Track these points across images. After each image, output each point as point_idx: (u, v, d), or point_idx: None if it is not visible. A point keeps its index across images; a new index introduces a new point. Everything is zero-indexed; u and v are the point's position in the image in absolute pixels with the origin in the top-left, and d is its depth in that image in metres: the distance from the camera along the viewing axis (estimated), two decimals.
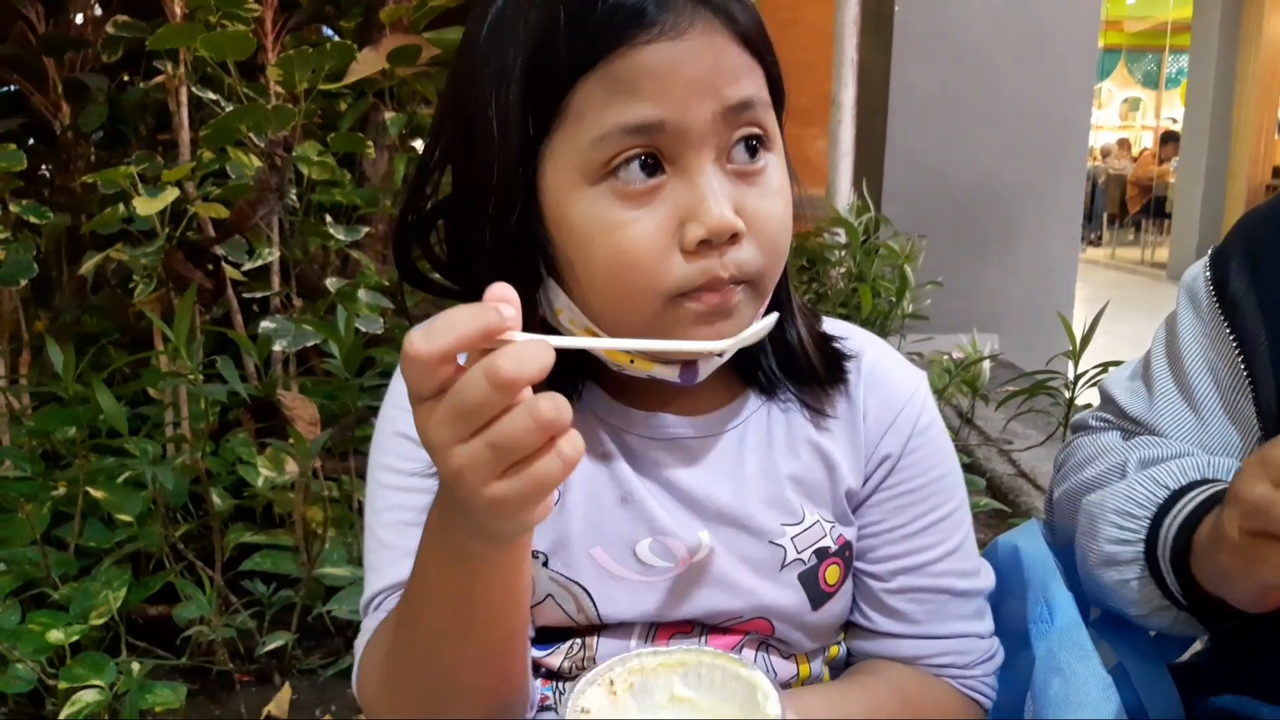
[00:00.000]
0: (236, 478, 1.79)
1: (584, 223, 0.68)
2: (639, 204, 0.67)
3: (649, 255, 0.67)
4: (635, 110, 0.65)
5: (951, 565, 0.81)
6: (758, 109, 0.69)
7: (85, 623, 1.47)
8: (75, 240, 2.24)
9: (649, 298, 0.68)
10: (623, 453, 0.77)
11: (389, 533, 0.77)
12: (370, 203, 2.15)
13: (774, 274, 0.72)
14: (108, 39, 2.02)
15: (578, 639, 0.77)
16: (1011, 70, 4.35)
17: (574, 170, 0.67)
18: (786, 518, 0.78)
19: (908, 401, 0.81)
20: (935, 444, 0.82)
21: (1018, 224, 4.48)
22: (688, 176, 0.67)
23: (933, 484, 0.81)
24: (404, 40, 2.10)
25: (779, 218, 0.70)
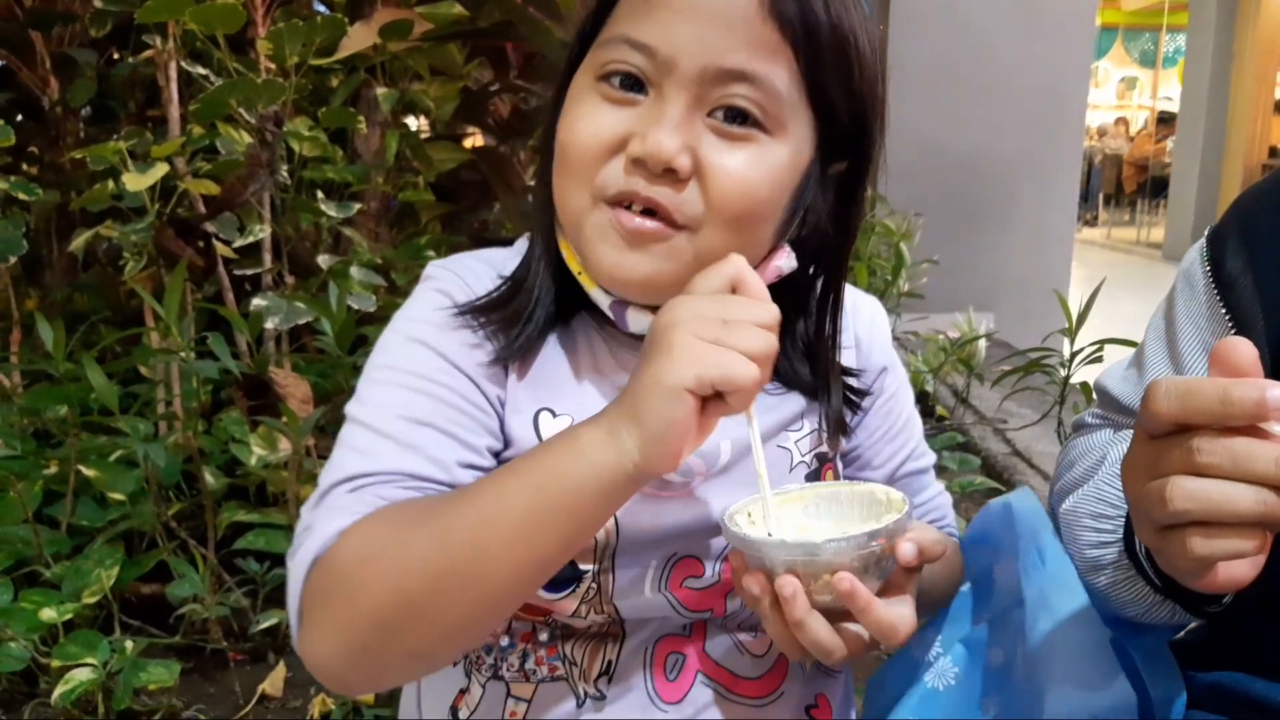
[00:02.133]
0: (229, 456, 1.78)
1: (570, 103, 0.74)
2: (613, 105, 0.72)
3: (592, 146, 0.71)
4: (642, 28, 0.70)
5: (921, 447, 0.93)
6: (759, 88, 0.69)
7: (78, 601, 1.46)
8: (65, 217, 2.22)
9: (579, 189, 0.72)
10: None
11: (393, 424, 0.70)
12: (362, 179, 2.13)
13: (715, 235, 0.71)
14: (95, 13, 1.99)
15: (591, 582, 0.75)
16: (1009, 48, 4.33)
17: (588, 65, 0.74)
18: (787, 424, 0.83)
19: (873, 320, 0.90)
20: (890, 355, 0.92)
21: (1014, 203, 4.47)
22: (660, 104, 0.70)
23: (902, 384, 0.92)
24: (396, 15, 2.08)
25: (739, 179, 0.70)
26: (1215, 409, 0.54)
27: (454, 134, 2.60)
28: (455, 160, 2.36)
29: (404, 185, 2.34)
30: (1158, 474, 0.57)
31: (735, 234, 0.71)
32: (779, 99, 0.70)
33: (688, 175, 0.70)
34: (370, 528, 0.65)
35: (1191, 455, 0.55)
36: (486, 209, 2.70)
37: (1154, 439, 0.58)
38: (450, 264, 0.82)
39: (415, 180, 2.35)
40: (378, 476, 0.68)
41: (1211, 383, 0.55)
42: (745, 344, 0.61)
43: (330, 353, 1.71)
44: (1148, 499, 0.58)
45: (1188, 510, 0.55)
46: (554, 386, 0.78)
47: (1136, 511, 0.61)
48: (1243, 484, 0.54)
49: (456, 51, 2.39)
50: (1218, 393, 0.54)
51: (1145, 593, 0.76)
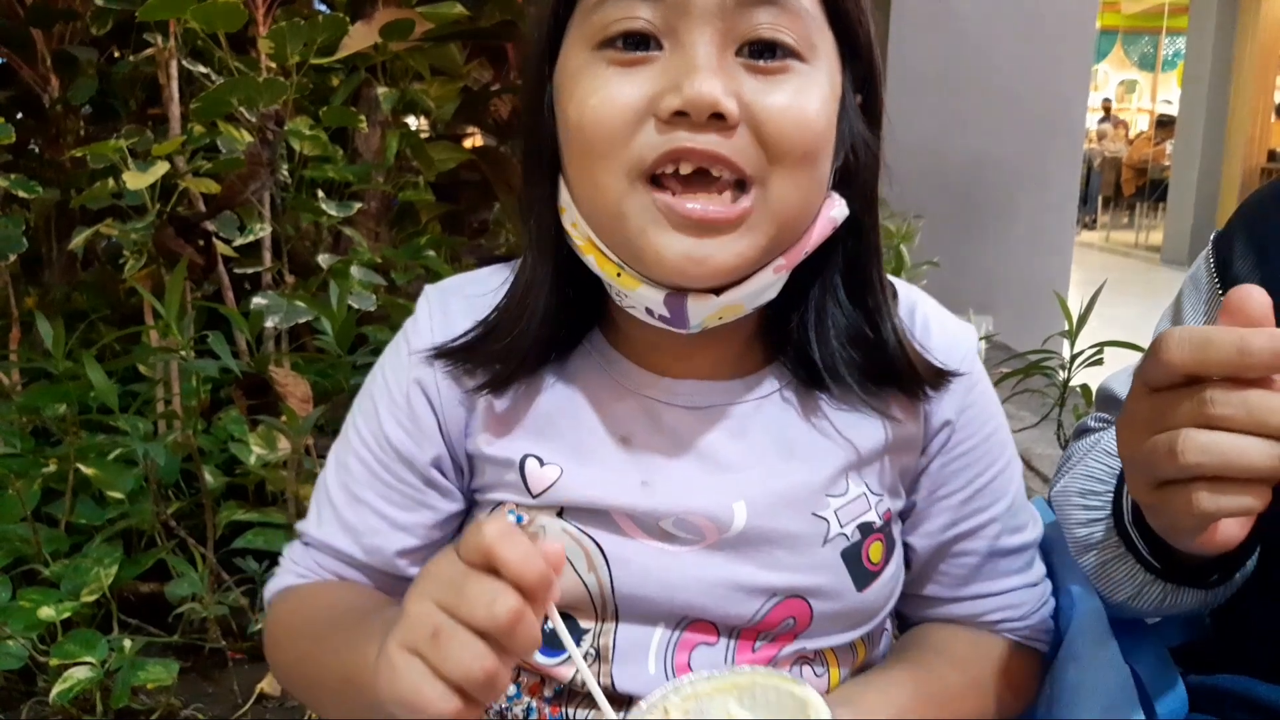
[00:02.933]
0: (228, 455, 1.78)
1: (571, 82, 0.65)
2: (626, 70, 0.63)
3: (617, 115, 0.62)
4: None
5: (1008, 523, 0.77)
6: (786, 11, 0.62)
7: (77, 600, 1.46)
8: (65, 215, 2.22)
9: (612, 167, 0.63)
10: (650, 420, 0.72)
11: (338, 493, 0.76)
12: (362, 178, 2.13)
13: (787, 182, 0.63)
14: (97, 11, 1.99)
15: (591, 646, 0.71)
16: (1009, 51, 4.34)
17: (580, 37, 0.65)
18: (829, 488, 0.72)
19: (961, 360, 0.75)
20: (986, 398, 0.78)
21: (1014, 206, 4.47)
22: (682, 50, 0.62)
23: (985, 442, 0.77)
24: (397, 14, 2.07)
25: (794, 113, 0.62)
26: (1233, 359, 0.52)
27: (454, 134, 2.60)
28: (455, 160, 2.36)
29: (404, 185, 2.34)
30: (1164, 427, 0.55)
31: (804, 176, 0.64)
32: (806, 20, 0.63)
33: (737, 120, 0.61)
34: (284, 615, 0.76)
35: (1205, 407, 0.53)
36: (486, 209, 2.70)
37: (1157, 392, 0.56)
38: (440, 297, 0.77)
39: (415, 180, 2.34)
40: (321, 545, 0.76)
41: (1229, 332, 0.52)
42: (447, 667, 0.50)
43: (330, 352, 1.71)
44: (1152, 452, 0.55)
45: (1200, 464, 0.53)
46: (545, 431, 0.72)
47: (1134, 467, 0.59)
48: (1256, 438, 0.52)
49: (457, 51, 2.39)
50: (1235, 342, 0.52)
51: (1135, 571, 0.73)
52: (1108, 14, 15.08)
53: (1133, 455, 0.59)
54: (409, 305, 0.78)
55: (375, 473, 0.74)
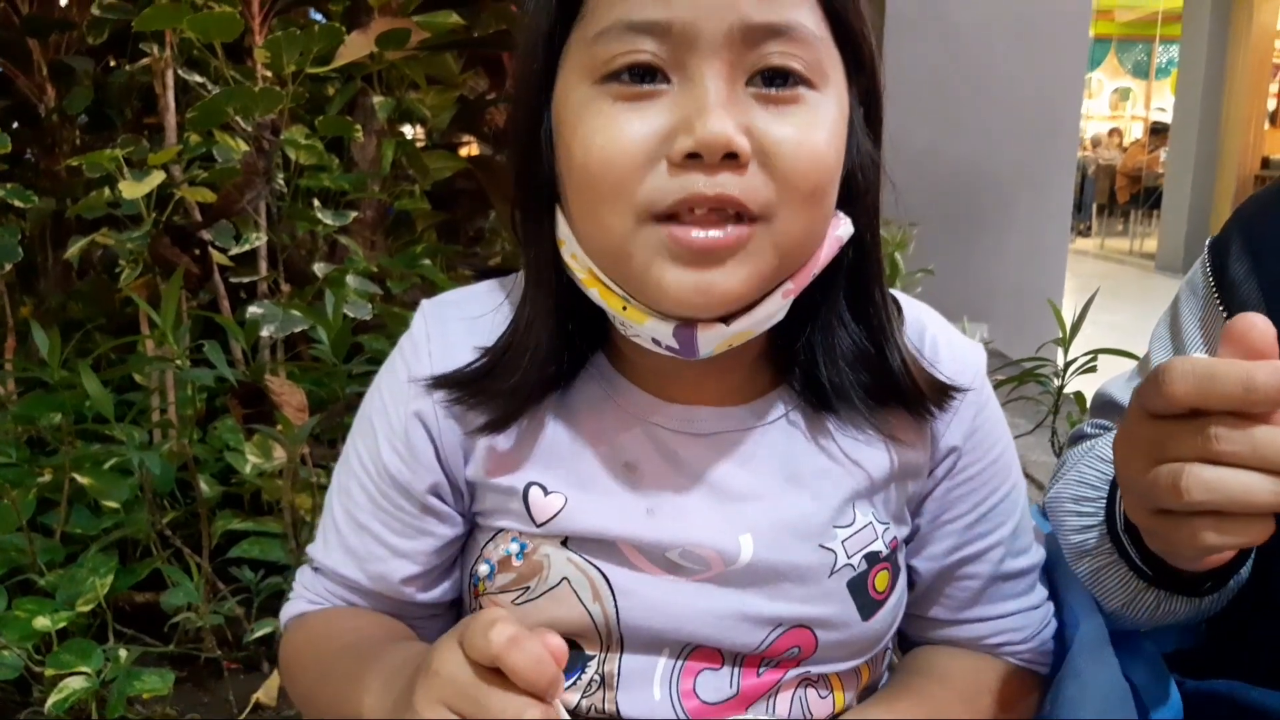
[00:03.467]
0: (224, 464, 1.78)
1: (574, 118, 0.62)
2: (633, 105, 0.60)
3: (626, 157, 0.60)
4: (643, 6, 0.59)
5: (1008, 548, 0.76)
6: (794, 39, 0.60)
7: (72, 609, 1.45)
8: (60, 224, 2.22)
9: (620, 209, 0.60)
10: (656, 448, 0.71)
11: (343, 519, 0.76)
12: (358, 187, 2.13)
13: (797, 217, 0.62)
14: (93, 20, 1.99)
15: (596, 673, 0.71)
16: (1003, 59, 4.35)
17: (580, 68, 0.62)
18: (838, 519, 0.71)
19: (970, 380, 0.74)
20: (993, 422, 0.76)
21: (1008, 213, 4.48)
22: (692, 86, 0.59)
23: (992, 466, 0.76)
24: (393, 24, 2.08)
25: (807, 147, 0.61)
26: (1238, 395, 0.51)
27: (449, 143, 2.60)
28: (451, 169, 2.36)
29: (400, 194, 2.34)
30: (1165, 457, 0.54)
31: (811, 209, 0.62)
32: (815, 45, 0.61)
33: (749, 157, 0.59)
34: (296, 644, 0.77)
35: (1210, 443, 0.52)
36: (482, 217, 2.71)
37: (1158, 419, 0.55)
38: (438, 315, 0.76)
39: (411, 189, 2.35)
40: (328, 572, 0.77)
41: (1234, 366, 0.52)
42: None
43: (325, 361, 1.71)
44: (1154, 484, 0.55)
45: (1204, 502, 0.53)
46: (548, 459, 0.71)
47: (1133, 491, 0.59)
48: (1259, 473, 0.52)
49: (452, 61, 2.39)
50: (1241, 378, 0.51)
51: (1127, 579, 0.72)
52: (1102, 22, 15.14)
53: (1132, 480, 0.58)
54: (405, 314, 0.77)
55: (375, 500, 0.74)
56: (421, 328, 0.74)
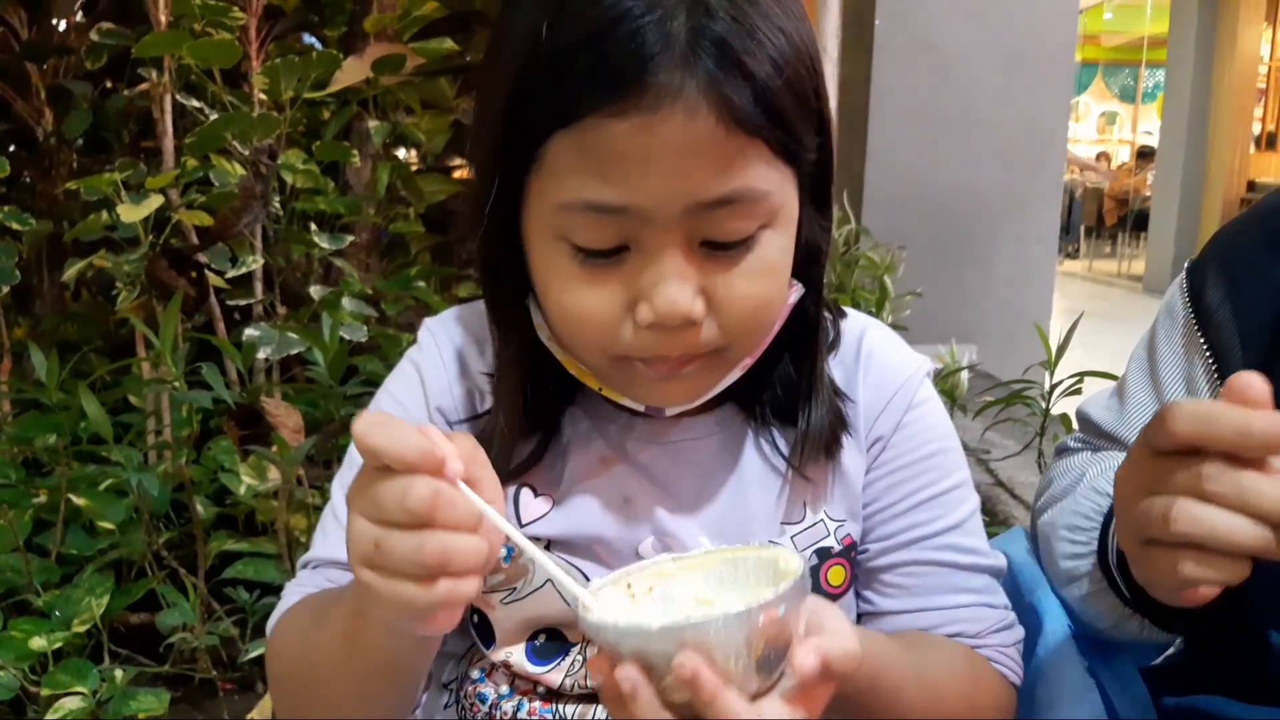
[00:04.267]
0: (218, 485, 1.79)
1: (545, 272, 0.67)
2: (596, 271, 0.65)
3: (597, 321, 0.66)
4: (601, 190, 0.62)
5: (951, 540, 0.78)
6: (745, 203, 0.64)
7: (68, 630, 1.46)
8: (56, 246, 2.23)
9: (596, 352, 0.69)
10: (621, 456, 0.77)
11: (342, 510, 0.76)
12: (353, 211, 2.16)
13: (744, 347, 0.71)
14: (91, 46, 2.01)
15: (578, 654, 0.77)
16: (991, 84, 4.39)
17: (547, 225, 0.66)
18: (786, 516, 0.77)
19: (903, 384, 0.80)
20: (929, 420, 0.80)
21: (996, 236, 4.51)
22: (649, 256, 0.64)
23: (927, 459, 0.79)
24: (388, 49, 2.11)
25: (755, 299, 0.67)
26: (1233, 439, 0.55)
27: (443, 166, 2.63)
28: (446, 192, 2.39)
29: (394, 216, 2.36)
30: (1159, 491, 0.58)
31: (759, 333, 0.71)
32: (767, 195, 0.65)
33: (703, 318, 0.66)
34: (288, 620, 0.76)
35: (1199, 481, 0.56)
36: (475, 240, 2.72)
37: (1158, 455, 0.59)
38: (441, 328, 0.82)
39: (406, 212, 2.37)
40: (327, 561, 0.78)
41: (1233, 411, 0.55)
42: (403, 569, 0.54)
43: (320, 383, 1.73)
44: (1146, 513, 0.58)
45: (1188, 534, 0.56)
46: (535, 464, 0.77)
47: (1127, 520, 0.62)
48: (1244, 516, 0.55)
49: (447, 86, 2.42)
50: (1238, 424, 0.55)
51: (1115, 606, 0.77)
52: (1088, 47, 15.30)
53: (1127, 510, 0.62)
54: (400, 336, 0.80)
55: None
56: (429, 338, 0.81)
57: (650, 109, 0.60)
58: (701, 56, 0.61)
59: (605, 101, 0.61)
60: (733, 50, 0.61)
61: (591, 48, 0.61)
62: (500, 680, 0.79)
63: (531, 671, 0.77)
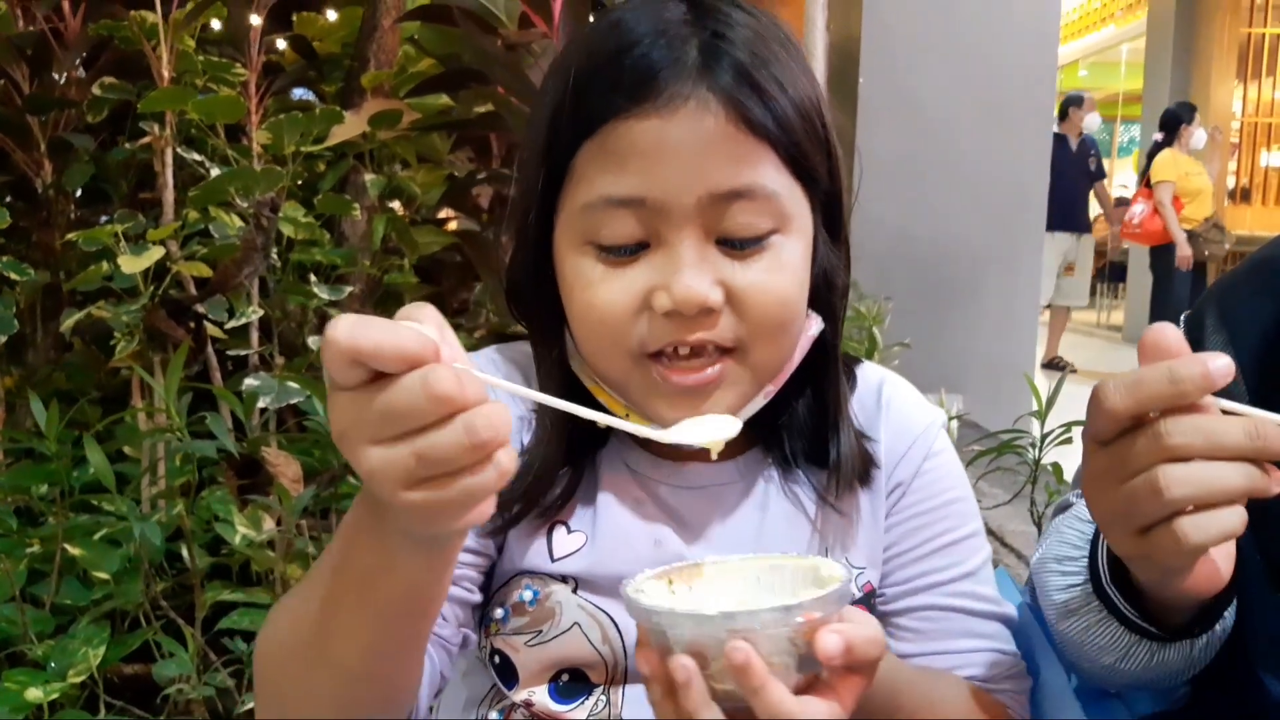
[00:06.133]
0: (212, 535, 1.78)
1: (571, 277, 0.72)
2: (619, 268, 0.70)
3: (616, 313, 0.70)
4: (620, 184, 0.69)
5: (966, 587, 0.81)
6: (756, 199, 0.69)
7: (64, 681, 1.45)
8: (50, 296, 2.24)
9: (618, 354, 0.71)
10: (653, 500, 0.79)
11: None
12: (349, 262, 2.18)
13: (767, 349, 0.72)
14: (93, 100, 2.04)
15: (601, 695, 0.77)
16: (973, 138, 4.48)
17: (572, 232, 0.72)
18: None
19: (922, 433, 0.83)
20: (946, 469, 0.83)
21: (980, 287, 4.58)
22: (668, 249, 0.69)
23: (944, 507, 0.82)
24: (385, 105, 2.14)
25: (773, 292, 0.71)
26: (1166, 390, 0.55)
27: (436, 218, 2.66)
28: (440, 244, 2.41)
29: (389, 268, 2.38)
30: (1131, 473, 0.57)
31: (780, 339, 0.73)
32: (777, 196, 0.70)
33: (721, 308, 0.70)
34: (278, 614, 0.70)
35: (1162, 440, 0.55)
36: (467, 290, 2.75)
37: (1109, 444, 0.58)
38: (484, 362, 0.83)
39: (400, 263, 2.39)
40: None
41: (1155, 367, 0.55)
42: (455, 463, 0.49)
43: (318, 432, 1.73)
44: (1130, 499, 0.57)
45: (1183, 496, 0.55)
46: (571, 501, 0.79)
47: (1112, 521, 0.61)
48: (1224, 462, 0.55)
49: (441, 140, 2.46)
50: (1164, 374, 0.55)
51: (1119, 634, 0.75)
52: None
53: (1108, 510, 0.61)
54: None
55: None
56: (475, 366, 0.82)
57: (665, 109, 0.67)
58: (713, 68, 0.68)
59: (624, 107, 0.68)
60: (742, 64, 0.68)
61: (614, 64, 0.68)
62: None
63: (554, 710, 0.77)
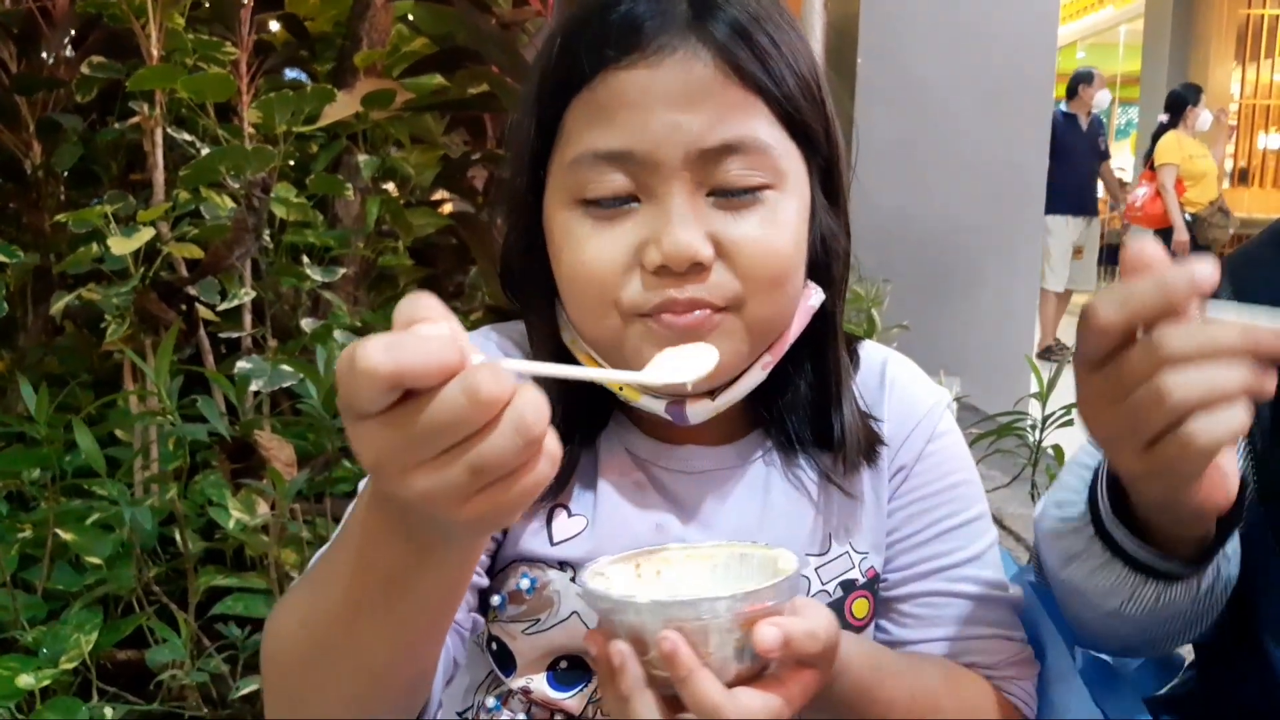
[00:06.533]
0: (205, 520, 1.77)
1: (560, 236, 0.70)
2: (608, 223, 0.68)
3: (606, 270, 0.68)
4: (607, 137, 0.67)
5: (971, 572, 0.79)
6: (748, 152, 0.67)
7: (55, 667, 1.44)
8: (41, 279, 2.21)
9: (609, 315, 0.69)
10: (653, 485, 0.78)
11: None
12: (342, 244, 2.16)
13: (763, 305, 0.70)
14: (82, 79, 2.01)
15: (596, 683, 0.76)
16: (972, 120, 4.46)
17: (561, 190, 0.70)
18: (811, 548, 0.78)
19: (926, 414, 0.81)
20: (951, 451, 0.81)
21: (979, 270, 4.56)
22: (657, 204, 0.67)
23: (948, 490, 0.80)
24: (378, 85, 2.12)
25: (767, 245, 0.68)
26: (1156, 299, 0.54)
27: (431, 200, 2.64)
28: (434, 226, 2.39)
29: (383, 250, 2.36)
30: (1129, 388, 0.56)
31: (777, 296, 0.70)
32: (769, 152, 0.68)
33: (713, 262, 0.67)
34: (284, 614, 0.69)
35: (1159, 349, 0.55)
36: (462, 272, 2.73)
37: (1104, 364, 0.58)
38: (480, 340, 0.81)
39: (394, 245, 2.37)
40: None
41: (1142, 279, 0.55)
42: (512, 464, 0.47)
43: (311, 416, 1.72)
44: (1134, 412, 0.56)
45: (1186, 399, 0.54)
46: (575, 485, 0.77)
47: (1116, 440, 0.60)
48: (1222, 361, 0.54)
49: (435, 121, 2.43)
50: (1153, 285, 0.55)
51: (1123, 576, 0.73)
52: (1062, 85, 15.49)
53: (1111, 430, 0.60)
54: None
55: None
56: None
57: (653, 59, 0.66)
58: (704, 19, 0.67)
59: (611, 58, 0.66)
60: (734, 17, 0.67)
61: (601, 18, 0.67)
62: (516, 708, 0.79)
63: (552, 698, 0.76)
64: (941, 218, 4.47)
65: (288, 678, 0.66)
